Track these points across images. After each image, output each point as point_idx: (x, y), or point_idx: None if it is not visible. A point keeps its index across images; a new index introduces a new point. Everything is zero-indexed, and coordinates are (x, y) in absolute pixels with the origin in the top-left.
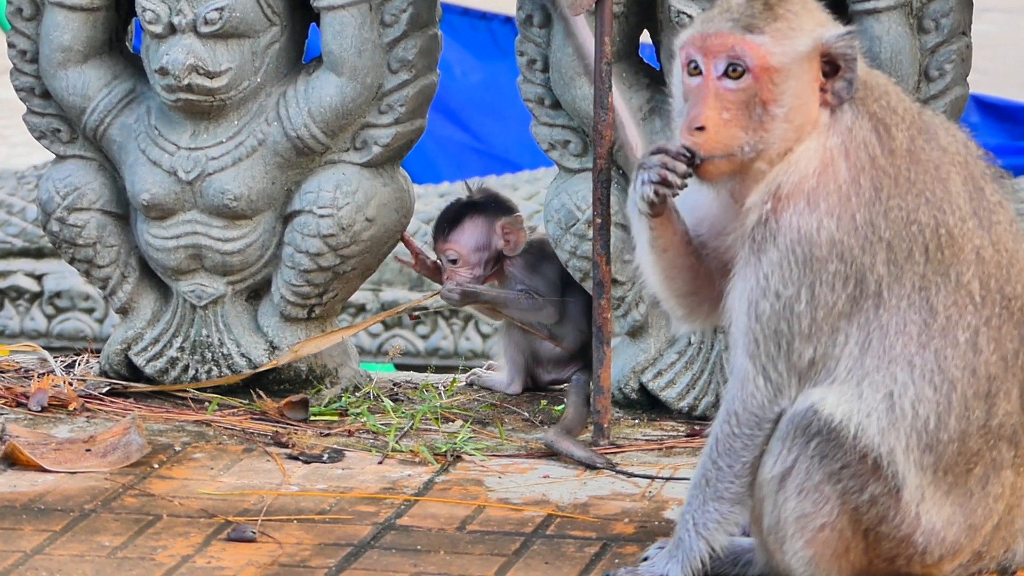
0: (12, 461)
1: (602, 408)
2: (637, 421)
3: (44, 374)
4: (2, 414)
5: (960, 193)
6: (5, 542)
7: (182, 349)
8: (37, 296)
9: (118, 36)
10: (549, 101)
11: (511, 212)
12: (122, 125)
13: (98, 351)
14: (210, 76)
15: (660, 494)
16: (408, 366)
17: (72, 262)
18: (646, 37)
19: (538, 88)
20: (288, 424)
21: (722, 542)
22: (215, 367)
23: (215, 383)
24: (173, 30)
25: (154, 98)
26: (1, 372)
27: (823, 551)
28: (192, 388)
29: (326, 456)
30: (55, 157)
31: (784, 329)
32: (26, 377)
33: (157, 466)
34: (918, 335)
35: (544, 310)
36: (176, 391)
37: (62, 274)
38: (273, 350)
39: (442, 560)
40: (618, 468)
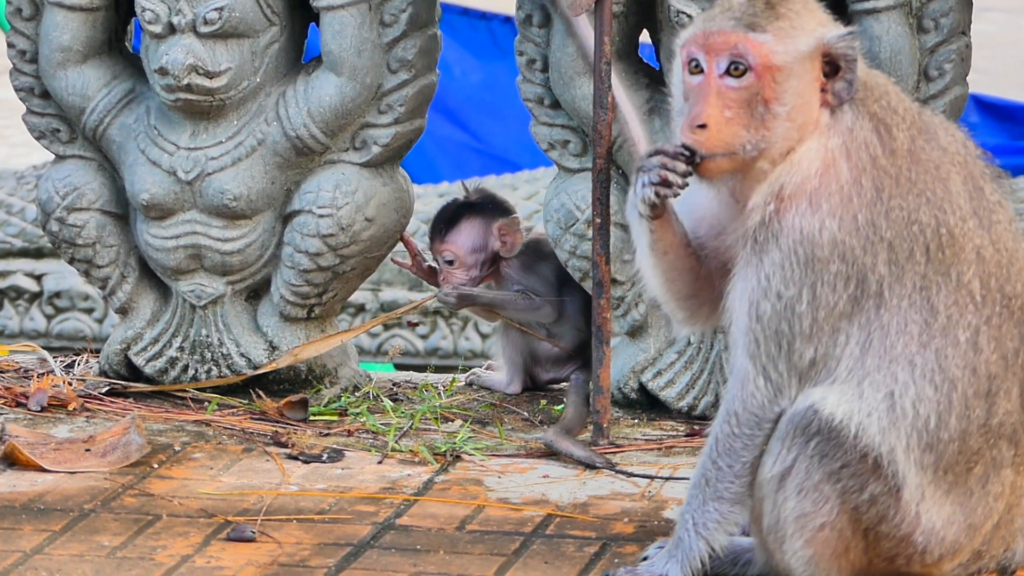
0: (12, 461)
1: (602, 408)
2: (637, 421)
3: (44, 374)
4: (2, 414)
5: (960, 193)
6: (5, 542)
7: (182, 349)
8: (37, 296)
9: (117, 36)
10: (548, 101)
11: (508, 213)
12: (121, 125)
13: (98, 351)
14: (209, 76)
15: (660, 494)
16: (407, 366)
17: (71, 262)
18: (646, 37)
19: (537, 88)
20: (288, 424)
21: (722, 542)
22: (215, 367)
23: (215, 383)
24: (172, 30)
25: (153, 98)
26: (1, 372)
27: (823, 550)
28: (192, 388)
29: (326, 456)
30: (55, 157)
31: (785, 329)
32: (26, 377)
33: (157, 466)
34: (919, 335)
35: (541, 310)
36: (176, 391)
37: (62, 274)
38: (273, 350)
39: (441, 560)
40: (618, 468)
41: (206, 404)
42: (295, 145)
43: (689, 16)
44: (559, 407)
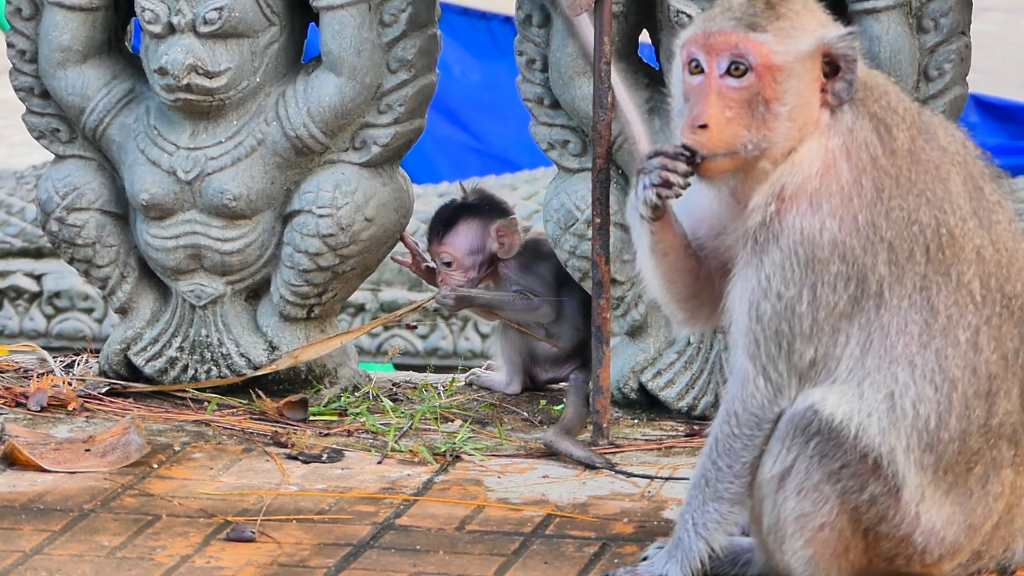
0: (11, 461)
1: (601, 408)
2: (636, 421)
3: (43, 374)
4: (1, 414)
5: (960, 193)
6: (4, 542)
7: (181, 349)
8: (36, 296)
9: (117, 36)
10: (548, 101)
11: (505, 214)
12: (121, 125)
13: (97, 351)
14: (209, 76)
15: (659, 494)
16: (407, 366)
17: (71, 262)
18: (645, 37)
19: (537, 88)
20: (287, 424)
21: (721, 542)
22: (214, 367)
23: (214, 384)
24: (172, 30)
25: (153, 98)
26: (0, 372)
27: (822, 551)
28: (191, 388)
29: (325, 456)
30: (54, 157)
31: (785, 330)
32: (25, 377)
33: (156, 466)
34: (919, 335)
35: (540, 310)
36: (175, 391)
37: (61, 274)
38: (272, 350)
39: (441, 560)
40: (617, 468)
41: (206, 404)
42: (295, 145)
43: (689, 16)
44: (559, 407)
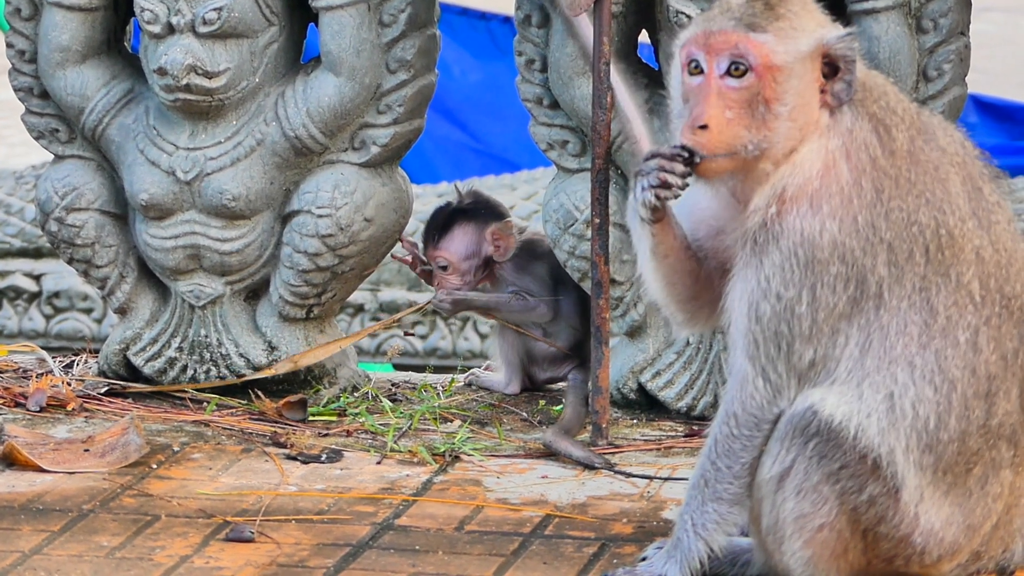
0: (10, 461)
1: (600, 408)
2: (635, 421)
3: (42, 374)
4: (1, 414)
5: (959, 193)
6: (3, 542)
7: (180, 349)
8: (35, 296)
9: (116, 36)
10: (547, 101)
11: (501, 217)
12: (120, 125)
13: (96, 351)
14: (208, 76)
15: (658, 494)
16: (406, 366)
17: (70, 262)
18: (644, 37)
19: (536, 88)
20: (286, 424)
21: (720, 542)
22: (213, 367)
23: (213, 384)
24: (171, 30)
25: (152, 98)
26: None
27: (821, 551)
28: (190, 388)
29: (324, 456)
30: (53, 157)
31: (784, 330)
32: (24, 377)
33: (155, 466)
34: (918, 335)
35: (537, 310)
36: (174, 391)
37: (60, 274)
38: (272, 350)
39: (440, 560)
40: (616, 468)
41: (205, 404)
42: (294, 145)
43: (688, 16)
44: (558, 407)
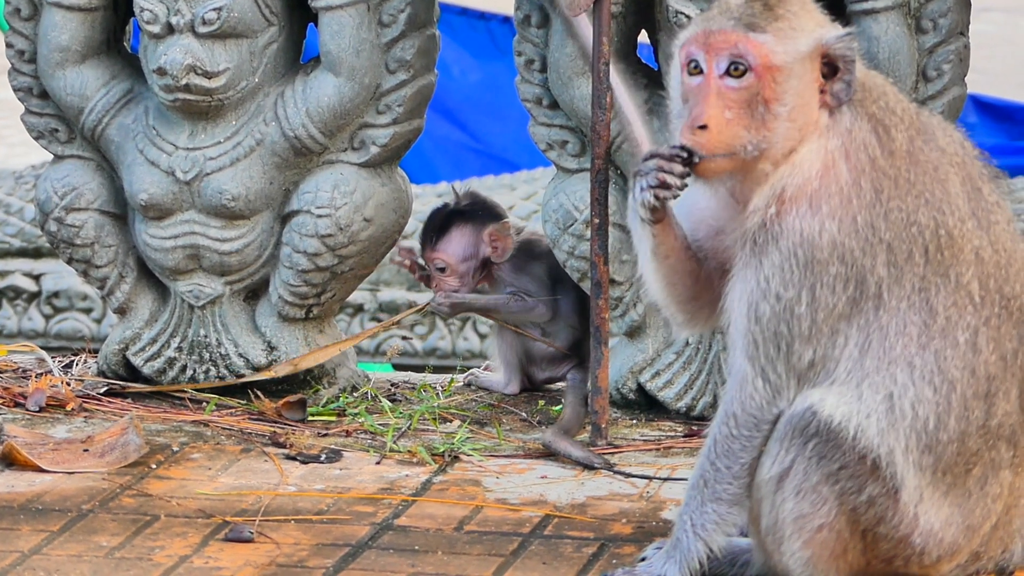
0: (10, 461)
1: (600, 408)
2: (635, 421)
3: (42, 374)
4: (0, 414)
5: (959, 194)
6: (3, 542)
7: (180, 349)
8: (35, 296)
9: (116, 36)
10: (547, 101)
11: (498, 218)
12: (120, 125)
13: (96, 351)
14: (208, 76)
15: (658, 494)
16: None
17: (70, 262)
18: (644, 37)
19: (536, 88)
20: (286, 424)
21: (720, 543)
22: (213, 367)
23: (213, 384)
24: (171, 30)
25: (152, 98)
26: None
27: (821, 552)
28: (190, 388)
29: (324, 456)
30: (53, 157)
31: (784, 331)
32: (24, 377)
33: (155, 466)
34: (918, 336)
35: (535, 310)
36: (174, 391)
37: (60, 274)
38: (271, 350)
39: (440, 560)
40: (616, 468)
41: (204, 404)
42: (293, 145)
43: (687, 16)
44: (557, 407)
